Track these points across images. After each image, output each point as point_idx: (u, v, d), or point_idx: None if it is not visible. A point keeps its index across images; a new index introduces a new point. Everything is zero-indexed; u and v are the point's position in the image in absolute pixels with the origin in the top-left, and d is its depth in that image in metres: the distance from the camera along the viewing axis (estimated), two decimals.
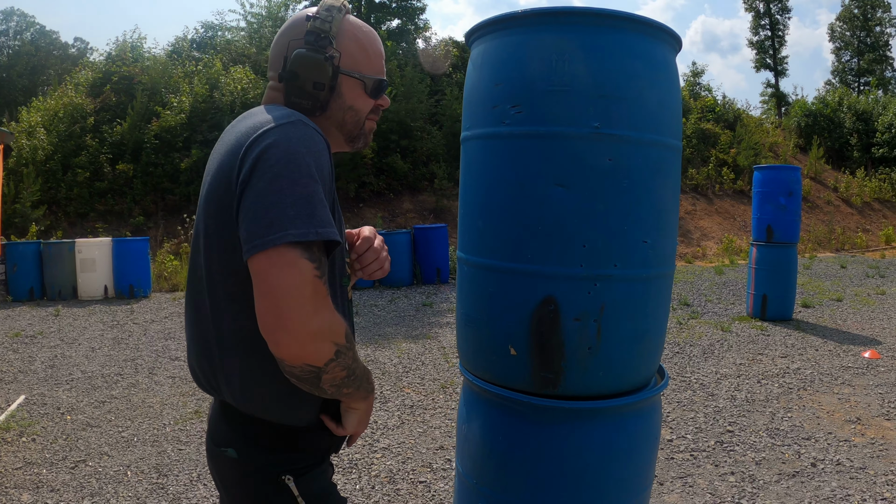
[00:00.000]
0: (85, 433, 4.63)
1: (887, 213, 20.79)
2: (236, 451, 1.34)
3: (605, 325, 1.79)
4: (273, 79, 1.46)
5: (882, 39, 38.23)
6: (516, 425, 1.87)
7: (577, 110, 1.72)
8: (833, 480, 3.92)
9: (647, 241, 1.83)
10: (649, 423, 1.97)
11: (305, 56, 1.37)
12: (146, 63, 16.73)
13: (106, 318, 8.66)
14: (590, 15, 1.74)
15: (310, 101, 1.40)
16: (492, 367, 1.91)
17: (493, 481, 1.91)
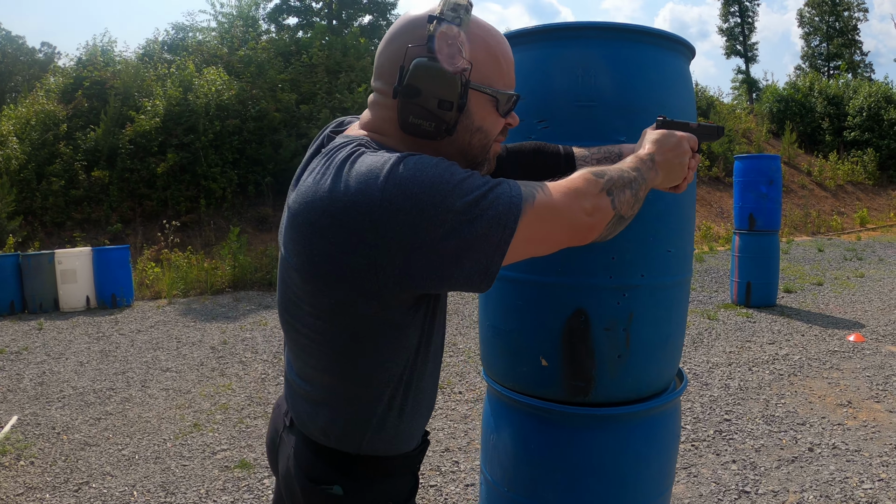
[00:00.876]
0: (84, 453, 4.53)
1: (860, 196, 21.14)
2: (343, 487, 1.26)
3: (633, 333, 1.85)
4: (382, 91, 1.23)
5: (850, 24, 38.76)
6: (548, 433, 1.91)
7: (603, 124, 1.76)
8: (831, 464, 4.03)
9: (671, 250, 1.89)
10: (673, 423, 2.04)
11: (430, 67, 1.13)
12: (118, 67, 16.49)
13: (91, 330, 8.54)
14: (613, 30, 1.76)
15: (433, 123, 1.17)
16: (522, 378, 1.94)
17: (525, 488, 1.95)
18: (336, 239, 1.08)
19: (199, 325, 8.60)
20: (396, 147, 1.20)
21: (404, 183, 1.04)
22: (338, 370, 1.23)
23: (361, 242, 1.07)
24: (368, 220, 1.05)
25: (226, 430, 4.83)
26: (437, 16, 1.15)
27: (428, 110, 1.15)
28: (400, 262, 1.07)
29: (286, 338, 1.31)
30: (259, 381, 6.01)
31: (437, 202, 1.04)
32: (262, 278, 11.71)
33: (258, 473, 4.06)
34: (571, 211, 1.18)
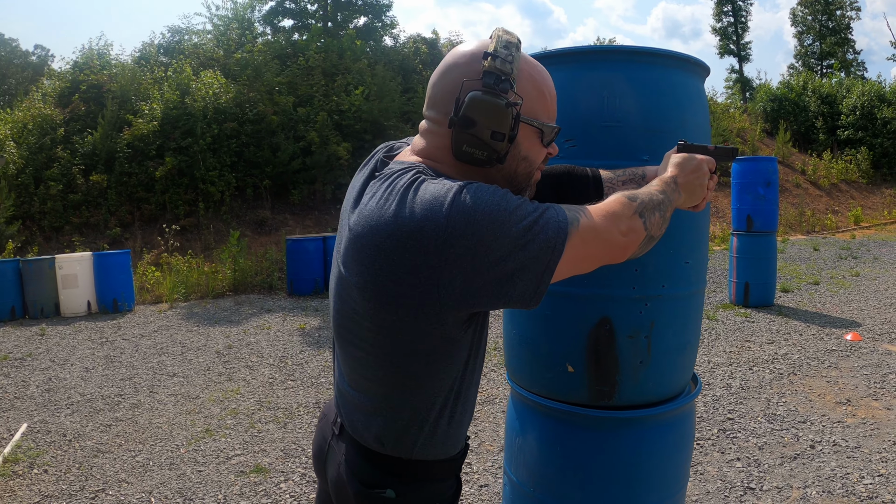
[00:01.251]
0: (97, 460, 4.55)
1: (854, 194, 21.28)
2: (395, 491, 1.35)
3: (654, 340, 1.95)
4: (436, 120, 1.31)
5: (843, 23, 38.90)
6: (573, 435, 2.01)
7: (627, 144, 1.85)
8: (832, 460, 4.14)
9: (689, 262, 2.00)
10: (689, 424, 2.15)
11: (485, 101, 1.22)
12: (114, 70, 16.49)
13: (94, 336, 8.57)
14: (637, 53, 1.85)
15: (485, 153, 1.26)
16: (548, 383, 2.04)
17: (551, 488, 2.04)
18: (401, 261, 1.17)
19: (203, 330, 8.64)
20: (449, 173, 1.30)
21: (467, 210, 1.13)
22: (395, 382, 1.31)
23: (426, 265, 1.15)
24: (434, 244, 1.14)
25: (238, 434, 4.88)
26: (492, 52, 1.24)
27: (481, 140, 1.25)
28: (460, 284, 1.16)
29: (340, 350, 1.40)
30: (267, 386, 6.06)
31: (495, 229, 1.14)
32: (262, 281, 11.75)
33: (274, 478, 4.12)
34: (609, 233, 1.29)
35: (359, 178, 1.41)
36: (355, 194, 1.36)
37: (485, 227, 1.13)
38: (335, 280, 1.36)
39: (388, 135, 16.35)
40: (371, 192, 1.28)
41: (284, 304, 10.25)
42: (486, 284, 1.17)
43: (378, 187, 1.26)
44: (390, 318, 1.23)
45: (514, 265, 1.16)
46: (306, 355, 7.12)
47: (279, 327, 8.62)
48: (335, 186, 15.28)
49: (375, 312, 1.24)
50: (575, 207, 1.28)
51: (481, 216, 1.13)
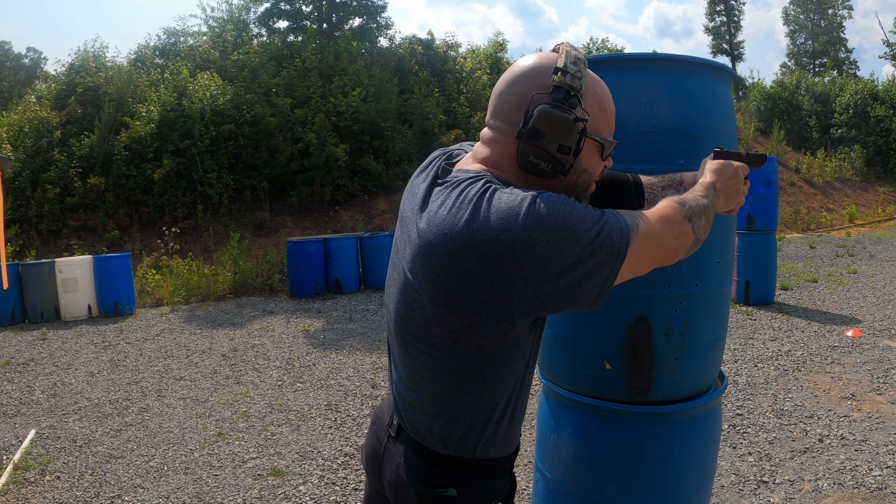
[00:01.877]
0: (110, 466, 4.52)
1: (848, 192, 21.40)
2: (457, 490, 1.39)
3: (688, 337, 2.02)
4: (501, 130, 1.35)
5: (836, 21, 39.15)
6: (609, 431, 2.07)
7: (664, 148, 1.91)
8: (841, 454, 4.22)
9: (720, 262, 2.08)
10: (718, 418, 2.23)
11: (554, 115, 1.26)
12: (110, 73, 16.44)
13: (96, 340, 8.56)
14: (674, 61, 1.93)
15: (551, 165, 1.30)
16: (585, 381, 2.10)
17: (587, 483, 2.10)
18: (475, 268, 1.21)
19: (206, 333, 8.64)
20: (513, 182, 1.34)
21: (542, 219, 1.19)
22: (461, 385, 1.34)
23: (500, 272, 1.20)
24: (510, 252, 1.18)
25: (251, 437, 4.90)
26: (562, 68, 1.29)
27: (548, 153, 1.29)
28: (533, 290, 1.22)
29: (401, 354, 1.42)
30: (276, 388, 6.08)
31: (567, 237, 1.19)
32: (262, 283, 11.76)
33: (293, 481, 4.14)
34: (665, 238, 1.35)
35: (420, 184, 1.44)
36: (419, 201, 1.38)
37: (558, 236, 1.19)
38: (398, 286, 1.39)
39: (386, 136, 16.36)
40: (439, 199, 1.31)
41: (286, 307, 10.26)
42: (557, 290, 1.23)
43: (447, 195, 1.30)
44: (460, 324, 1.27)
45: (582, 271, 1.21)
46: (313, 357, 7.14)
47: (283, 329, 8.63)
48: (333, 188, 15.28)
49: (446, 318, 1.28)
50: (632, 213, 1.33)
51: (555, 225, 1.19)
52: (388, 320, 1.48)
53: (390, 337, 1.47)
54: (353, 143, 15.85)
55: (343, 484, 4.08)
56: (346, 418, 5.24)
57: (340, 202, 15.46)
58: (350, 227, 14.58)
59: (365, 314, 9.39)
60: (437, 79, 19.59)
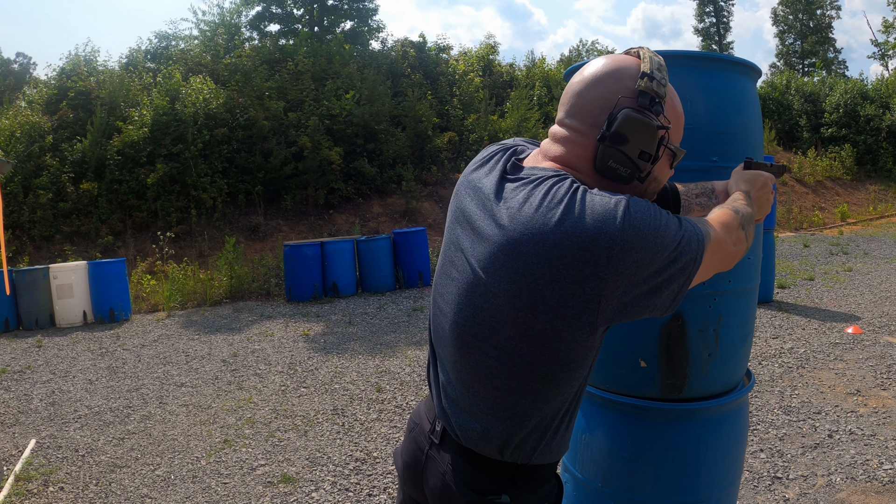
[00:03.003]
0: (115, 475, 4.43)
1: (839, 191, 21.52)
2: (510, 496, 1.35)
3: (721, 333, 2.04)
4: (578, 130, 1.32)
5: (824, 21, 39.42)
6: (643, 429, 2.07)
7: (698, 146, 1.91)
8: (851, 448, 4.24)
9: (750, 258, 2.10)
10: (747, 413, 2.25)
11: (641, 121, 1.25)
12: (102, 77, 16.35)
13: (93, 346, 8.48)
14: (707, 59, 1.97)
15: (630, 170, 1.29)
16: (619, 380, 2.10)
17: (620, 482, 2.09)
18: (567, 270, 1.18)
19: (204, 338, 8.58)
20: (588, 183, 1.30)
21: (638, 225, 1.18)
22: (528, 390, 1.30)
23: (594, 275, 1.18)
24: (606, 255, 1.16)
25: (258, 444, 4.85)
26: (649, 73, 1.27)
27: (629, 158, 1.27)
28: (620, 294, 1.20)
29: (459, 357, 1.36)
30: (280, 394, 6.03)
31: (658, 243, 1.20)
32: (259, 288, 11.70)
33: (304, 487, 4.09)
34: (727, 244, 1.38)
35: (482, 178, 1.40)
36: (491, 195, 1.33)
37: (651, 241, 1.19)
38: (462, 286, 1.34)
39: (380, 138, 16.31)
40: (520, 195, 1.27)
41: (284, 311, 10.21)
42: (641, 295, 1.22)
43: (530, 192, 1.26)
44: (541, 327, 1.23)
45: (665, 277, 1.22)
46: (315, 361, 7.09)
47: (282, 334, 8.58)
48: (328, 191, 15.23)
49: (525, 321, 1.24)
50: (701, 220, 1.35)
51: (649, 230, 1.18)
52: (438, 321, 1.44)
53: (442, 339, 1.42)
54: (346, 146, 15.81)
55: (356, 490, 4.04)
56: (354, 423, 5.20)
57: (335, 205, 15.41)
58: (345, 231, 14.54)
59: (364, 317, 9.34)
60: (430, 81, 19.58)
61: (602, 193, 1.21)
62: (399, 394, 5.83)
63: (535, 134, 17.72)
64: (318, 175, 15.11)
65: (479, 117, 18.41)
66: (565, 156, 1.33)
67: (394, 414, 5.35)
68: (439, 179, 16.59)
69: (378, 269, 11.40)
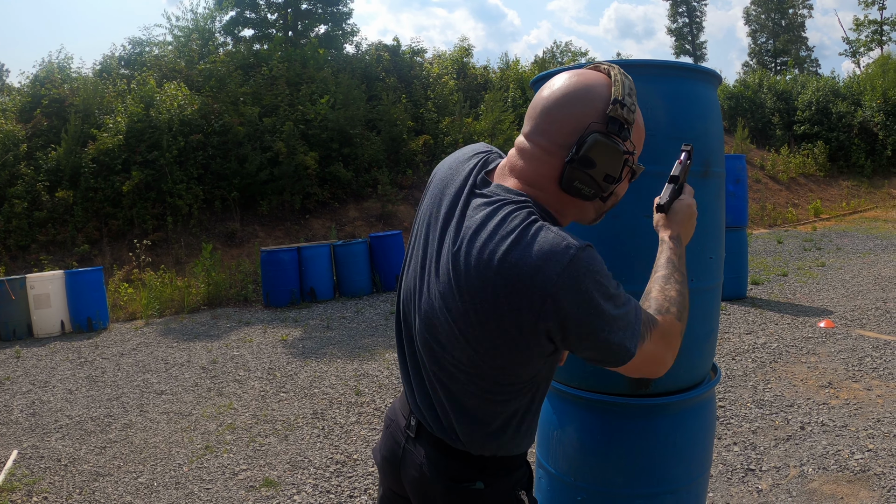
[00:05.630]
0: (98, 484, 4.44)
1: (812, 187, 21.83)
2: (484, 483, 1.44)
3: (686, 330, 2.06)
4: (545, 148, 1.34)
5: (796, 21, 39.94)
6: (612, 424, 2.14)
7: (659, 151, 1.98)
8: (822, 439, 4.35)
9: (712, 257, 2.17)
10: (714, 406, 2.33)
11: (609, 147, 1.29)
12: (75, 84, 16.21)
13: (72, 356, 8.43)
14: (668, 67, 2.01)
15: (594, 191, 1.33)
16: (587, 377, 2.16)
17: (592, 476, 2.16)
18: (507, 299, 1.24)
19: (183, 346, 8.57)
20: (548, 201, 1.37)
21: (579, 275, 1.22)
22: (486, 397, 1.38)
23: (529, 308, 1.23)
24: (540, 293, 1.22)
25: (239, 449, 4.87)
26: (620, 100, 1.29)
27: (594, 180, 1.31)
28: (554, 330, 1.26)
29: (428, 361, 1.43)
30: (260, 399, 6.05)
31: (596, 303, 1.24)
32: (237, 294, 11.68)
33: (286, 491, 4.13)
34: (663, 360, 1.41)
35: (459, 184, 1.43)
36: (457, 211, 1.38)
37: (588, 297, 1.22)
38: (426, 294, 1.40)
39: (355, 143, 16.32)
40: (479, 216, 1.31)
41: (262, 317, 10.21)
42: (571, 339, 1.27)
43: (488, 215, 1.30)
44: (486, 346, 1.30)
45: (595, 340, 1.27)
46: (294, 366, 7.12)
47: (261, 340, 8.59)
48: (303, 196, 15.21)
49: (474, 337, 1.30)
50: (650, 321, 1.36)
51: (591, 284, 1.23)
52: (407, 323, 1.49)
53: (411, 340, 1.48)
54: (322, 150, 15.80)
55: (337, 492, 4.08)
56: (334, 426, 5.24)
57: (311, 210, 15.41)
58: (322, 236, 14.54)
59: (342, 322, 9.37)
60: (404, 85, 19.62)
61: (557, 232, 1.25)
62: (378, 397, 5.88)
63: (510, 136, 17.81)
64: (293, 180, 15.09)
65: (453, 120, 18.48)
66: (530, 173, 1.36)
67: (373, 416, 5.39)
68: (415, 183, 16.63)
69: (355, 274, 11.43)
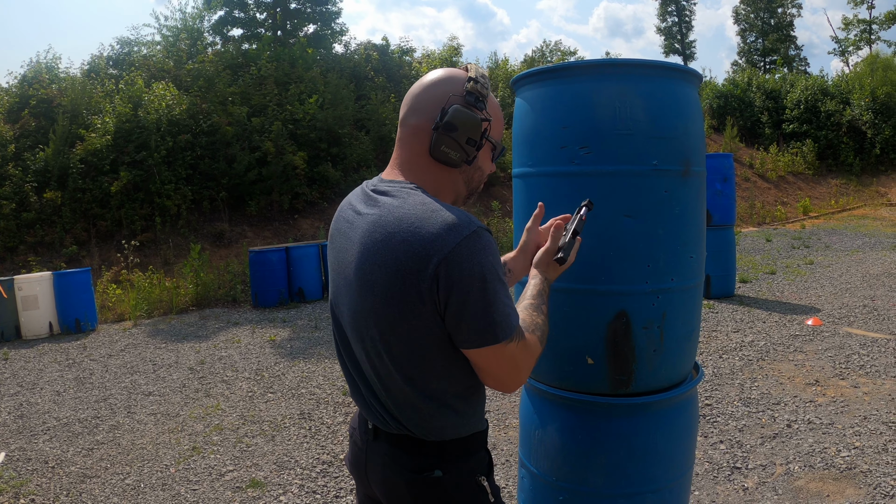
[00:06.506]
0: (86, 486, 4.42)
1: (801, 186, 21.92)
2: (442, 470, 1.53)
3: (666, 329, 2.10)
4: (419, 125, 1.54)
5: (785, 20, 40.10)
6: (594, 423, 2.13)
7: (638, 151, 1.99)
8: (809, 437, 4.36)
9: (693, 256, 2.18)
10: (695, 406, 2.32)
11: (466, 113, 1.49)
12: (63, 84, 16.10)
13: (60, 358, 8.38)
14: (648, 67, 2.02)
15: (459, 154, 1.51)
16: (568, 376, 2.16)
17: (574, 476, 2.16)
18: (409, 263, 1.38)
19: (171, 347, 8.53)
20: (424, 178, 1.55)
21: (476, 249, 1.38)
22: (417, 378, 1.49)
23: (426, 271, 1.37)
24: (435, 260, 1.36)
25: (226, 450, 4.86)
26: (474, 77, 1.53)
27: (458, 143, 1.50)
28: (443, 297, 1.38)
29: (365, 358, 1.54)
30: (248, 400, 6.03)
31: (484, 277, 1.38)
32: (225, 295, 11.63)
33: (272, 491, 4.12)
34: (520, 372, 1.51)
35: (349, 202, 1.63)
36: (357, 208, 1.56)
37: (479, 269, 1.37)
38: (347, 290, 1.54)
39: (344, 142, 16.31)
40: (381, 209, 1.48)
41: (251, 317, 10.18)
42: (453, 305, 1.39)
43: (385, 204, 1.48)
44: (392, 320, 1.43)
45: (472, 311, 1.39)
46: (282, 367, 7.10)
47: (249, 340, 8.56)
48: (292, 196, 15.18)
49: (384, 315, 1.44)
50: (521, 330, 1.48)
51: (484, 260, 1.38)
52: (342, 332, 1.61)
53: (347, 343, 1.60)
54: (310, 150, 15.77)
55: (324, 492, 4.07)
56: (321, 426, 5.23)
57: (300, 210, 15.37)
58: (311, 235, 14.51)
59: (330, 322, 9.31)
60: (393, 84, 19.61)
61: (463, 212, 1.42)
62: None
63: None
64: (282, 180, 15.04)
65: None
66: (407, 155, 1.56)
67: None
68: None
69: None
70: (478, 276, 1.36)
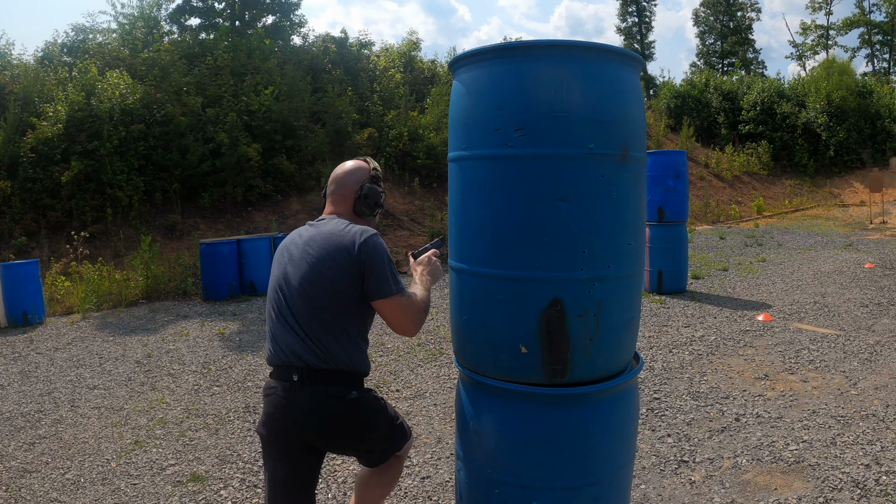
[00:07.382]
0: (25, 480, 4.31)
1: (756, 185, 22.30)
2: (357, 392, 2.39)
3: (602, 318, 2.05)
4: (344, 195, 2.57)
5: (744, 23, 40.73)
6: (528, 414, 2.09)
7: (574, 134, 1.92)
8: (757, 431, 4.38)
9: (631, 244, 2.12)
10: (635, 397, 2.29)
11: (374, 189, 2.57)
12: (16, 71, 15.64)
13: (5, 351, 8.11)
14: (587, 49, 1.96)
15: (369, 210, 2.58)
16: (503, 366, 2.12)
17: (509, 467, 2.12)
18: (341, 255, 2.36)
19: (119, 340, 8.34)
20: (351, 220, 2.55)
21: (376, 244, 2.39)
22: (345, 322, 2.38)
23: (348, 261, 2.36)
24: (352, 252, 2.36)
25: (169, 444, 4.74)
26: (375, 167, 2.64)
27: (369, 205, 2.58)
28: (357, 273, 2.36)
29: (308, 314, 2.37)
30: (193, 393, 5.91)
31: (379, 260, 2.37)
32: (176, 288, 11.42)
33: (213, 485, 4.03)
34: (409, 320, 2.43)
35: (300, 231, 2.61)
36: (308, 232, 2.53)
37: (375, 256, 2.36)
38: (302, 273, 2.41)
39: (299, 135, 16.11)
40: (326, 227, 2.47)
41: (200, 310, 10.00)
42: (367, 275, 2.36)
43: (330, 225, 2.47)
44: (337, 285, 2.35)
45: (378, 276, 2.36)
46: (229, 360, 6.98)
47: (198, 333, 8.40)
48: (246, 188, 14.93)
49: (333, 282, 2.35)
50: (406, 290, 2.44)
51: (381, 251, 2.39)
52: (284, 301, 2.42)
53: (289, 309, 2.40)
54: (265, 142, 15.54)
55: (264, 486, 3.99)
56: None
57: (253, 203, 15.15)
58: (264, 228, 14.32)
59: None
60: (351, 77, 19.46)
61: (364, 227, 2.43)
62: None
63: None
64: (236, 172, 14.79)
65: (399, 113, 18.38)
66: (340, 208, 2.58)
67: None
68: None
69: None
70: (378, 255, 2.35)
